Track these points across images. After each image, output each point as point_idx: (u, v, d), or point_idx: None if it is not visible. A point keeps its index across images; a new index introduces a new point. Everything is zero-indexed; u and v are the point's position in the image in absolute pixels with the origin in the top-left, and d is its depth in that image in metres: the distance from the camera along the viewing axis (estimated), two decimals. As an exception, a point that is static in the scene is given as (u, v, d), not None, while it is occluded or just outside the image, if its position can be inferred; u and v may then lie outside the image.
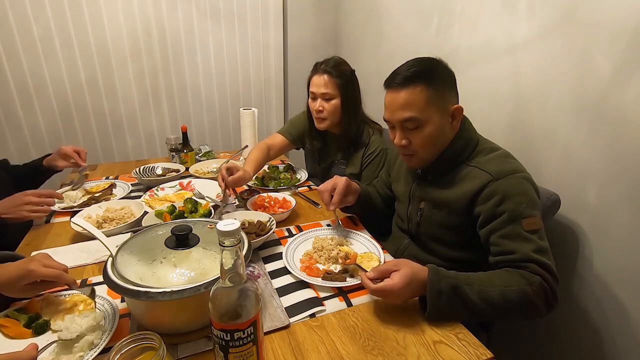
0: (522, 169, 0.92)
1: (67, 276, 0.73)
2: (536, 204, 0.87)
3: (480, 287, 0.77)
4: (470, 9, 1.40)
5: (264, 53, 2.41)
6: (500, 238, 0.85)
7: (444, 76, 0.94)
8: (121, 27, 2.02)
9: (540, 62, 1.15)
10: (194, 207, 1.19)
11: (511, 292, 0.77)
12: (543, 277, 0.79)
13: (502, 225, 0.86)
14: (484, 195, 0.89)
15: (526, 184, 0.88)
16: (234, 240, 0.53)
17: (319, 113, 1.41)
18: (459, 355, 0.69)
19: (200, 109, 2.37)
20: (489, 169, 0.91)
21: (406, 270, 0.76)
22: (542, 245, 0.83)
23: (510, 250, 0.84)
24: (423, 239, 1.06)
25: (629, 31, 0.91)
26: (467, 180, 0.93)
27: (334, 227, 1.13)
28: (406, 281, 0.75)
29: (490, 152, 0.96)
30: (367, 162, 1.44)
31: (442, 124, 0.93)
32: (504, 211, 0.85)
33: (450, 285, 0.76)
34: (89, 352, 0.66)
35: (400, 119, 0.93)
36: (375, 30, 2.06)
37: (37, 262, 0.70)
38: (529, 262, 0.81)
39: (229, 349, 0.55)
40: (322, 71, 1.38)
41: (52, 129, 2.06)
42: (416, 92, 0.90)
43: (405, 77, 0.91)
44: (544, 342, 1.24)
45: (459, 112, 0.94)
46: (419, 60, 0.94)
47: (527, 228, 0.84)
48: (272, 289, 0.87)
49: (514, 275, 0.80)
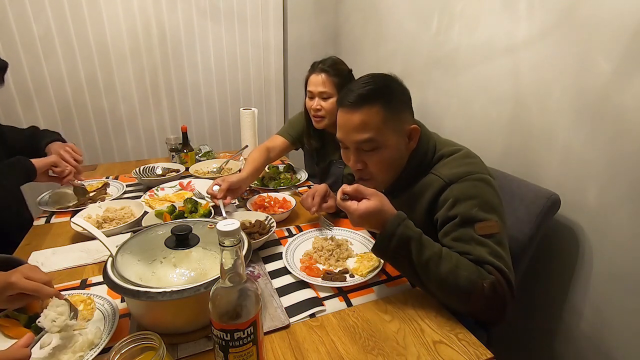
0: (479, 169, 0.88)
1: (47, 289, 0.69)
2: (491, 207, 0.83)
3: (434, 255, 0.76)
4: (470, 9, 1.40)
5: (264, 53, 2.40)
6: (453, 241, 0.82)
7: (400, 95, 0.90)
8: (121, 27, 2.02)
9: (540, 62, 1.15)
10: (194, 207, 1.19)
11: (461, 275, 0.74)
12: (498, 280, 0.74)
13: (454, 228, 0.82)
14: (440, 200, 0.87)
15: (481, 185, 0.85)
16: (234, 240, 0.53)
17: (316, 112, 1.41)
18: (459, 355, 0.69)
19: (200, 108, 2.37)
20: (443, 173, 0.88)
21: (373, 203, 0.77)
22: (497, 250, 0.79)
23: (465, 252, 0.79)
24: None
25: (629, 31, 0.91)
26: (426, 189, 0.91)
27: (323, 228, 1.13)
28: (368, 212, 0.76)
29: (450, 155, 0.92)
30: None
31: (399, 146, 0.90)
32: (456, 215, 0.82)
33: (405, 235, 0.76)
34: (89, 352, 0.66)
35: (355, 140, 0.88)
36: (375, 30, 2.06)
37: (19, 274, 0.68)
38: (485, 264, 0.77)
39: (229, 349, 0.55)
40: (320, 70, 1.39)
41: (52, 128, 2.03)
42: (372, 113, 0.85)
43: (360, 95, 0.86)
44: (543, 341, 1.24)
45: (415, 132, 0.91)
46: (373, 77, 0.90)
47: (480, 232, 0.80)
48: (272, 289, 0.87)
49: (472, 266, 0.76)
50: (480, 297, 0.73)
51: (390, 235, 0.76)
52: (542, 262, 1.19)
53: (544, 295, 1.22)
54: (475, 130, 1.43)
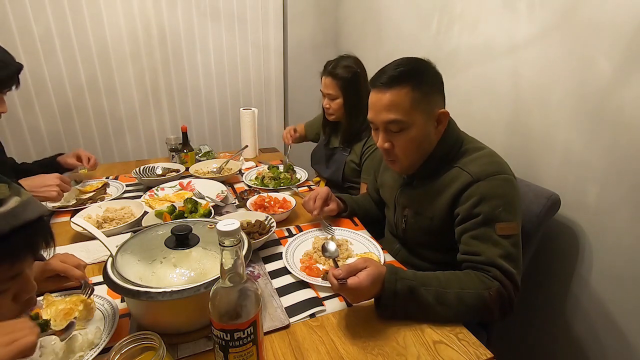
0: (505, 170, 0.90)
1: (76, 271, 0.79)
2: (514, 209, 0.85)
3: (437, 289, 0.77)
4: (470, 9, 1.40)
5: (264, 53, 2.40)
6: (471, 238, 0.85)
7: (432, 79, 0.91)
8: (121, 28, 2.02)
9: (540, 62, 1.15)
10: (194, 207, 1.19)
11: (468, 295, 0.77)
12: (502, 284, 0.79)
13: (475, 226, 0.85)
14: (465, 196, 0.88)
15: (507, 186, 0.86)
16: (234, 240, 0.53)
17: (327, 109, 1.60)
18: (459, 355, 0.69)
19: (200, 109, 2.37)
20: (471, 170, 0.89)
21: (372, 270, 0.74)
22: (512, 252, 0.82)
23: (476, 252, 0.83)
24: (411, 245, 1.06)
25: (629, 31, 0.91)
26: (450, 181, 0.92)
27: (323, 229, 1.13)
28: (371, 280, 0.73)
29: (475, 152, 0.94)
30: (366, 153, 1.52)
31: (427, 129, 0.91)
32: (479, 213, 0.84)
33: (406, 287, 0.75)
34: (89, 352, 0.66)
35: (384, 120, 0.90)
36: (375, 31, 2.06)
37: (56, 258, 0.79)
38: (491, 267, 0.80)
39: (229, 349, 0.55)
40: (327, 73, 1.52)
41: (52, 129, 2.06)
42: (402, 94, 0.87)
43: (391, 76, 0.88)
44: (543, 341, 1.24)
45: (444, 116, 0.92)
46: (407, 60, 0.92)
47: (500, 232, 0.82)
48: (272, 289, 0.87)
49: (473, 278, 0.80)
50: (490, 305, 0.78)
51: (394, 293, 0.75)
52: (542, 261, 1.19)
53: (543, 295, 1.22)
54: (475, 130, 1.42)
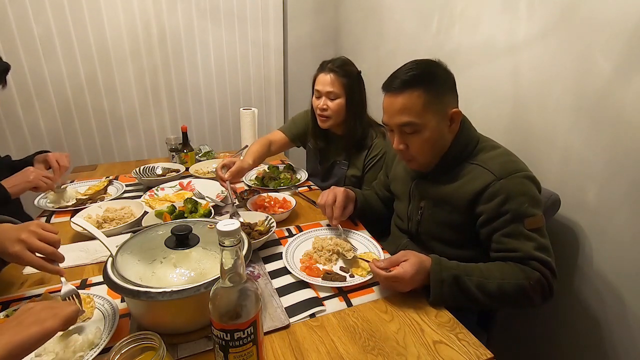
0: (524, 167, 0.93)
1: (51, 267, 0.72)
2: (538, 202, 0.89)
3: (479, 279, 0.82)
4: (470, 9, 1.40)
5: (264, 53, 2.40)
6: (503, 237, 0.88)
7: (443, 79, 0.93)
8: (121, 27, 2.02)
9: (540, 62, 1.15)
10: (194, 207, 1.19)
11: (508, 285, 0.82)
12: (542, 274, 0.83)
13: (504, 224, 0.87)
14: (487, 194, 0.89)
15: (528, 183, 0.89)
16: (234, 240, 0.53)
17: (322, 111, 1.40)
18: (459, 355, 0.69)
19: (200, 108, 2.37)
20: (492, 168, 0.91)
21: (415, 259, 0.82)
22: (543, 242, 0.86)
23: (512, 249, 0.86)
24: (423, 238, 1.06)
25: (629, 30, 0.91)
26: (469, 178, 0.94)
27: (334, 232, 1.12)
28: (415, 269, 0.81)
29: (492, 150, 0.96)
30: (369, 164, 1.44)
31: (440, 128, 0.93)
32: (507, 211, 0.87)
33: (451, 276, 0.81)
34: (89, 352, 0.66)
35: (397, 123, 0.93)
36: (375, 30, 2.06)
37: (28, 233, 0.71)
38: (530, 260, 0.84)
39: (229, 349, 0.55)
40: (329, 70, 1.38)
41: (52, 128, 2.06)
42: (414, 97, 0.89)
43: (403, 81, 0.91)
44: (544, 341, 1.24)
45: (457, 115, 0.94)
46: (417, 63, 0.94)
47: (529, 227, 0.86)
48: (272, 289, 0.87)
49: (514, 268, 0.84)
50: (531, 294, 0.83)
51: (441, 282, 0.81)
52: (542, 262, 1.19)
53: (544, 295, 1.22)
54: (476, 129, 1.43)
